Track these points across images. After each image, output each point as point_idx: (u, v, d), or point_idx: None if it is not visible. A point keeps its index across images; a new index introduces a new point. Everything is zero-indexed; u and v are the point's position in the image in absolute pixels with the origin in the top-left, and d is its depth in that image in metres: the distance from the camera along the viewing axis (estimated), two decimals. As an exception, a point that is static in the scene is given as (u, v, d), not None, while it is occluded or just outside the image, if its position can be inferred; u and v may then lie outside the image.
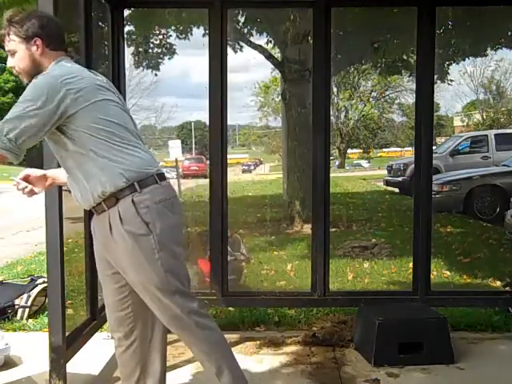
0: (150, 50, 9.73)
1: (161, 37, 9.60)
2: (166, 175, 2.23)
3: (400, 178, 12.62)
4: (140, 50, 9.64)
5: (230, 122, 3.56)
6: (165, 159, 19.86)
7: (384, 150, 36.38)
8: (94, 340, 3.07)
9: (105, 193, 2.05)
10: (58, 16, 2.36)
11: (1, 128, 1.95)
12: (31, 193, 2.26)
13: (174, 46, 9.80)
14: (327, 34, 3.39)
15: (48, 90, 1.96)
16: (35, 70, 2.06)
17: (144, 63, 9.88)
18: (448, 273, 5.03)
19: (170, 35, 9.52)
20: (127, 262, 2.10)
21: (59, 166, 2.41)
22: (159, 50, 9.74)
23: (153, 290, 2.09)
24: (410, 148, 27.14)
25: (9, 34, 2.05)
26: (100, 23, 3.53)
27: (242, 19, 8.50)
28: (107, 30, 3.35)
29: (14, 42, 2.05)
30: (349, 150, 32.25)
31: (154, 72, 9.94)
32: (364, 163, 30.66)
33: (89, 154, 2.03)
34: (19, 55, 2.06)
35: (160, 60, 9.85)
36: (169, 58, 9.87)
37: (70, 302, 3.03)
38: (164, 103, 59.97)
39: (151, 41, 9.68)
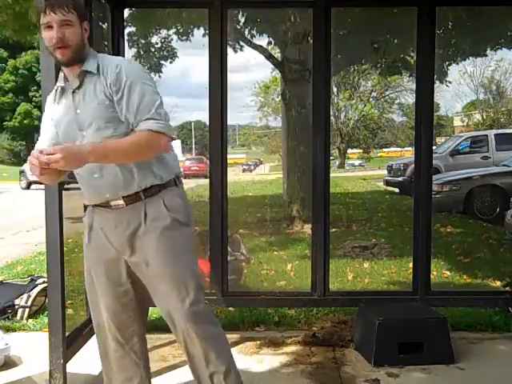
0: (152, 54, 9.74)
1: (162, 40, 9.60)
2: None
3: (400, 178, 12.62)
4: (141, 53, 9.64)
5: (229, 121, 3.57)
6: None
7: (384, 149, 36.36)
8: (94, 340, 3.06)
9: (154, 183, 2.05)
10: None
11: (158, 113, 1.96)
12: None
13: (175, 50, 9.83)
14: (327, 33, 3.39)
15: None
16: (80, 50, 2.00)
17: (146, 66, 9.88)
18: (448, 273, 5.03)
19: (172, 38, 9.54)
20: (162, 251, 2.05)
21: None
22: (161, 53, 9.75)
23: (181, 281, 2.06)
24: (410, 148, 27.13)
25: (69, 5, 1.96)
26: (100, 23, 3.53)
27: (242, 19, 8.50)
28: (107, 30, 3.35)
29: (73, 15, 1.96)
30: (349, 150, 32.24)
31: (156, 74, 9.95)
32: (356, 162, 30.81)
33: None
34: (75, 30, 1.97)
35: (162, 62, 9.87)
36: (170, 62, 9.91)
37: (70, 302, 3.03)
38: (164, 103, 59.86)
39: (152, 43, 9.68)
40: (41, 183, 2.28)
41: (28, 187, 19.08)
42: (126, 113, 1.97)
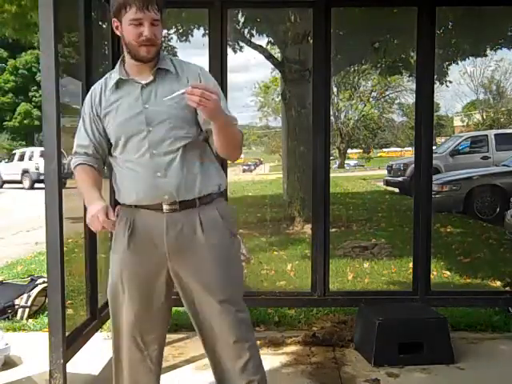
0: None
1: (162, 39, 9.60)
2: None
3: (400, 178, 12.62)
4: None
5: (230, 121, 3.55)
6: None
7: (384, 149, 36.38)
8: (94, 340, 3.06)
9: (213, 191, 2.04)
10: (58, 16, 2.37)
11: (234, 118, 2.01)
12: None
13: (176, 49, 9.82)
14: (327, 33, 3.39)
15: None
16: (160, 48, 2.02)
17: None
18: (448, 273, 5.03)
19: (172, 38, 9.53)
20: (215, 262, 2.01)
21: (59, 166, 2.41)
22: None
23: (230, 291, 2.04)
24: (410, 148, 27.14)
25: (159, 4, 1.97)
26: (100, 23, 3.53)
27: (242, 19, 8.50)
28: (107, 30, 3.35)
29: (160, 14, 1.98)
30: (349, 150, 32.26)
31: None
32: (352, 162, 30.90)
33: (212, 151, 2.06)
34: (161, 29, 1.99)
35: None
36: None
37: (70, 302, 3.03)
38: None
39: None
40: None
41: (32, 187, 19.12)
42: None
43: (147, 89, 2.00)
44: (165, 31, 9.50)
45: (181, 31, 9.11)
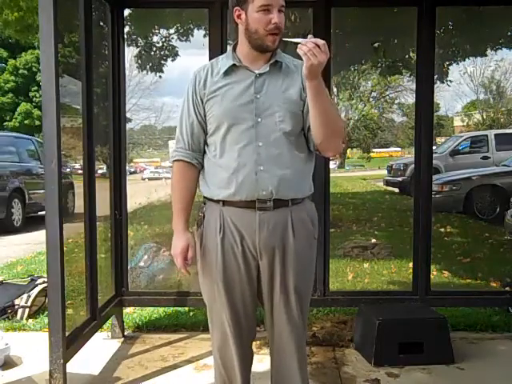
0: (153, 53, 9.72)
1: (163, 39, 9.59)
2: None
3: (400, 178, 12.63)
4: (143, 53, 9.63)
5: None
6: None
7: (384, 149, 36.41)
8: (94, 340, 3.06)
9: (310, 192, 2.04)
10: (58, 16, 2.37)
11: None
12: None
13: (177, 48, 9.81)
14: (327, 34, 3.38)
15: None
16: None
17: (147, 66, 9.87)
18: (448, 273, 5.03)
19: (172, 37, 9.52)
20: (303, 263, 1.99)
21: (59, 166, 2.41)
22: (162, 53, 9.73)
23: (307, 294, 2.05)
24: (410, 148, 27.16)
25: None
26: (100, 23, 3.53)
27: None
28: (107, 30, 3.35)
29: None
30: (349, 150, 32.29)
31: (158, 74, 9.93)
32: (347, 167, 31.02)
33: (309, 149, 2.02)
34: (284, 17, 1.94)
35: (163, 62, 9.84)
36: (172, 60, 9.87)
37: (70, 302, 3.03)
38: (164, 103, 60.06)
39: (153, 43, 9.67)
40: None
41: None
42: None
43: (260, 79, 1.95)
44: (165, 31, 9.54)
45: (181, 31, 9.11)
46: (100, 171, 3.51)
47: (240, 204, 1.94)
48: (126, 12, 7.23)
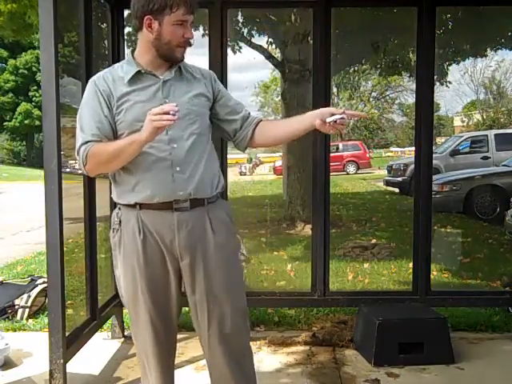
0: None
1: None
2: None
3: (400, 178, 12.62)
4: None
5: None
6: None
7: (384, 149, 36.39)
8: (94, 340, 3.07)
9: (220, 190, 2.07)
10: (58, 16, 2.37)
11: None
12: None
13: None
14: (327, 33, 3.39)
15: None
16: None
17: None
18: (448, 273, 5.03)
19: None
20: (224, 260, 2.01)
21: (59, 166, 2.41)
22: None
23: (238, 289, 2.07)
24: (410, 148, 27.16)
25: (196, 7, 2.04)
26: (100, 23, 3.53)
27: (242, 19, 8.49)
28: (107, 30, 3.35)
29: None
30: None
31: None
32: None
33: (213, 148, 2.12)
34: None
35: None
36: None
37: (70, 302, 3.03)
38: (164, 103, 59.75)
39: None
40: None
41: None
42: (234, 104, 2.14)
43: (167, 84, 1.99)
44: (165, 31, 9.52)
45: (181, 31, 9.10)
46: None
47: (155, 207, 1.96)
48: (126, 12, 7.23)
